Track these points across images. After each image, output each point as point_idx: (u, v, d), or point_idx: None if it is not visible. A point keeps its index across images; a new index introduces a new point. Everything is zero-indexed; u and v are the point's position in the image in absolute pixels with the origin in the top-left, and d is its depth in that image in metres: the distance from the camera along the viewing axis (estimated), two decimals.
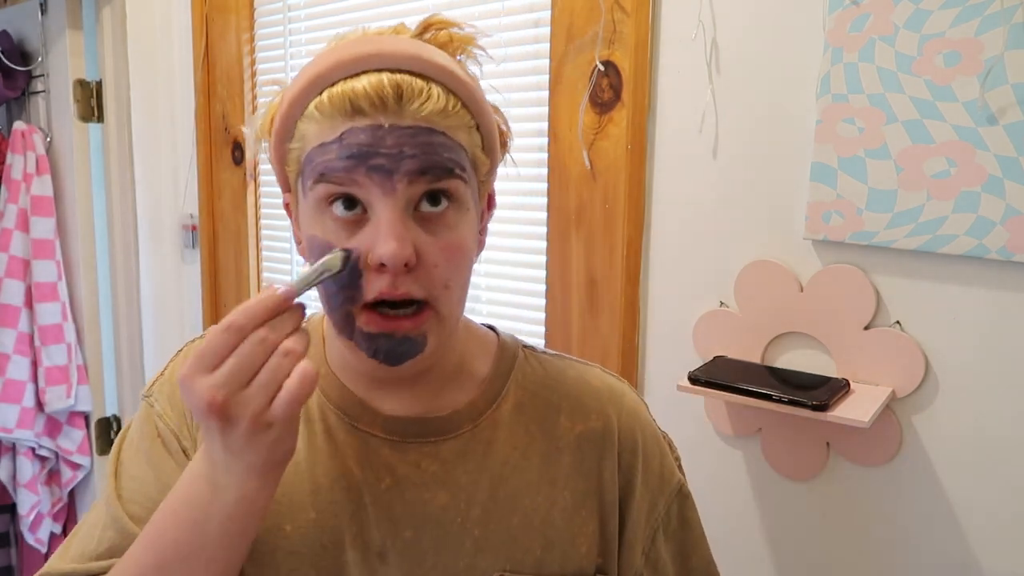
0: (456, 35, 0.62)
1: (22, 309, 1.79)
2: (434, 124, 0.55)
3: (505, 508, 0.64)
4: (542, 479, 0.65)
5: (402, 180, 0.54)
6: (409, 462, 0.64)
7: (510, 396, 0.68)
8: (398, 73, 0.55)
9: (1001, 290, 0.88)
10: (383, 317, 0.56)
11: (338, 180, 0.55)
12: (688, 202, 1.08)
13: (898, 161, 0.91)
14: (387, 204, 0.54)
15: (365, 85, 0.54)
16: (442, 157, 0.55)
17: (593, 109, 1.13)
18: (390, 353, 0.57)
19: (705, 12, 1.03)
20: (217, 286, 1.76)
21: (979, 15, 0.84)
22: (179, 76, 1.76)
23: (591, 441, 0.68)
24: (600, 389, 0.71)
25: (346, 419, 0.65)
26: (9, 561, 2.03)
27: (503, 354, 0.70)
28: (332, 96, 0.55)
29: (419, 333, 0.57)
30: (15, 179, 1.78)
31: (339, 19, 1.46)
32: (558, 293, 1.20)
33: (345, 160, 0.54)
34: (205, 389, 0.50)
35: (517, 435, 0.66)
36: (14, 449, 1.86)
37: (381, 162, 0.54)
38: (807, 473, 1.03)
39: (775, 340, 1.03)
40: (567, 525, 0.65)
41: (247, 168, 1.64)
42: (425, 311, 0.57)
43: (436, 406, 0.65)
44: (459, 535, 0.63)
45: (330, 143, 0.55)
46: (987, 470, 0.91)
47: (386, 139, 0.54)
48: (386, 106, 0.54)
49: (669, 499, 0.71)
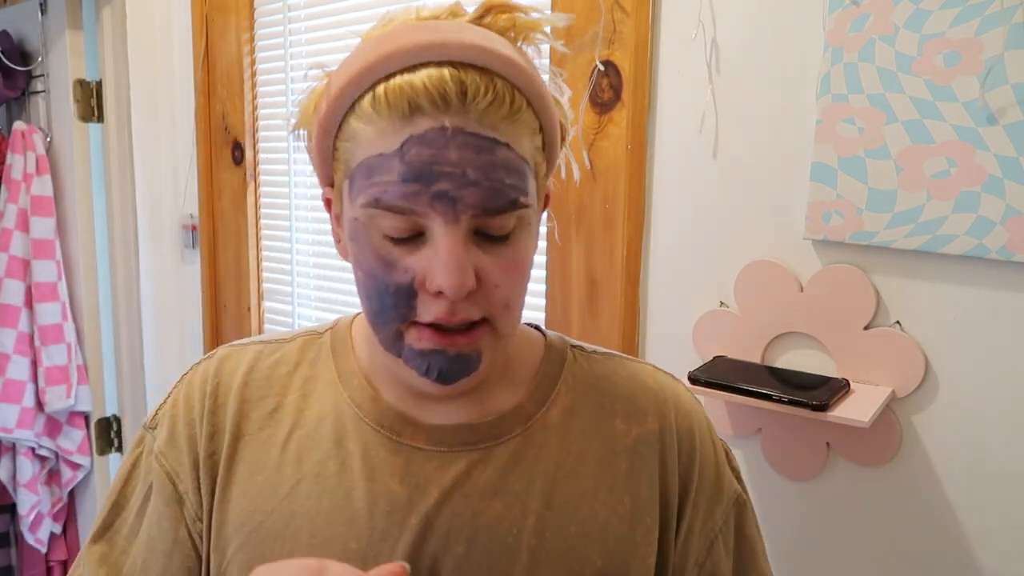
0: (520, 20, 0.56)
1: (22, 309, 1.79)
2: (499, 133, 0.51)
3: (561, 517, 0.59)
4: (599, 485, 0.61)
5: (466, 212, 0.50)
6: (458, 472, 0.59)
7: (560, 398, 0.64)
8: (461, 67, 0.50)
9: (1001, 290, 0.88)
10: (437, 333, 0.53)
11: (398, 209, 0.51)
12: (688, 202, 1.08)
13: (898, 161, 0.91)
14: (448, 231, 0.51)
15: (425, 80, 0.50)
16: (505, 185, 0.51)
17: (593, 109, 1.12)
18: (443, 371, 0.54)
19: (705, 12, 1.03)
20: (217, 286, 1.76)
21: (979, 15, 0.84)
22: (179, 76, 1.76)
23: (649, 444, 0.63)
24: (655, 389, 0.66)
25: (386, 434, 0.60)
26: (9, 561, 2.03)
27: (551, 355, 0.66)
28: (389, 92, 0.50)
29: (473, 349, 0.54)
30: (15, 179, 1.78)
31: (339, 19, 1.46)
32: (558, 293, 1.21)
33: (407, 185, 0.50)
34: None
35: (570, 439, 0.62)
36: (14, 449, 1.86)
37: (445, 188, 0.49)
38: (807, 473, 1.03)
39: (775, 340, 1.03)
40: (629, 534, 0.60)
41: (247, 168, 1.64)
42: (482, 327, 0.54)
43: (482, 411, 0.61)
44: (514, 547, 0.58)
45: (389, 156, 0.50)
46: (987, 470, 0.91)
47: (450, 152, 0.49)
48: (449, 105, 0.50)
49: (727, 509, 0.67)
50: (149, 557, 0.62)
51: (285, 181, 1.60)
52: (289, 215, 1.61)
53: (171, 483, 0.62)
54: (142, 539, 0.63)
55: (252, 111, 1.63)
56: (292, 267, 1.63)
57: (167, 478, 0.62)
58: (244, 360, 0.66)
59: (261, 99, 1.63)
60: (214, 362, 0.66)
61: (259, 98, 1.63)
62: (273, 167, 1.63)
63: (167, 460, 0.63)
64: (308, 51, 1.52)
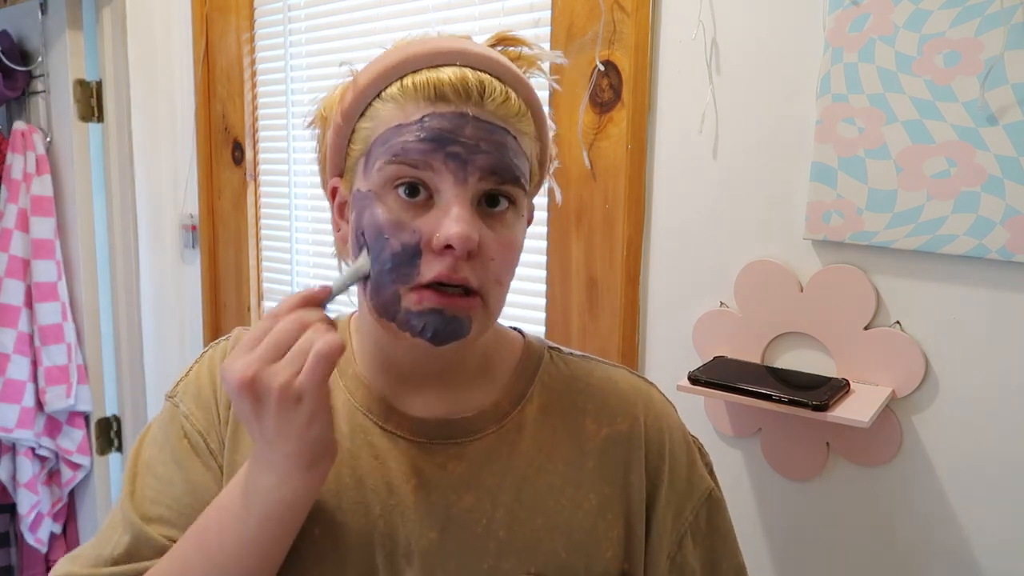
0: (525, 54, 0.64)
1: (22, 309, 1.79)
2: (509, 125, 0.58)
3: (529, 510, 0.64)
4: (567, 482, 0.65)
5: (474, 173, 0.56)
6: (435, 464, 0.64)
7: (535, 398, 0.68)
8: (479, 71, 0.58)
9: (1001, 290, 0.88)
10: (437, 293, 0.56)
11: (412, 162, 0.56)
12: (688, 202, 1.08)
13: (898, 161, 0.91)
14: (458, 192, 0.56)
15: (450, 75, 0.57)
16: (511, 162, 0.57)
17: (593, 109, 1.13)
18: (438, 330, 0.57)
19: (705, 12, 1.03)
20: (217, 286, 1.76)
21: (979, 15, 0.84)
22: (179, 76, 1.76)
23: (617, 444, 0.67)
24: (627, 391, 0.70)
25: (374, 420, 0.65)
26: (9, 561, 2.03)
27: (529, 355, 0.70)
28: (416, 81, 0.57)
29: (467, 316, 0.58)
30: (15, 179, 1.78)
31: (339, 19, 1.46)
32: (558, 293, 1.20)
33: (424, 143, 0.55)
34: (239, 367, 0.53)
35: (542, 437, 0.66)
36: (14, 449, 1.86)
37: (458, 150, 0.55)
38: (807, 473, 1.03)
39: (775, 340, 1.03)
40: (592, 528, 0.65)
41: (247, 168, 1.64)
42: (475, 297, 0.58)
43: (461, 407, 0.65)
44: (483, 537, 0.63)
45: (409, 125, 0.56)
46: (987, 470, 0.91)
47: (466, 128, 0.56)
48: (470, 97, 0.56)
49: (697, 504, 0.70)
50: (174, 486, 0.65)
51: (285, 181, 1.60)
52: (289, 215, 1.61)
53: (201, 438, 0.66)
54: (172, 473, 0.66)
55: (252, 111, 1.63)
56: (292, 267, 1.63)
57: (197, 433, 0.66)
58: None
59: (261, 99, 1.63)
60: (231, 341, 0.72)
61: (259, 98, 1.63)
62: (273, 167, 1.63)
63: (196, 421, 0.67)
64: (308, 51, 1.52)
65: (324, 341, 0.52)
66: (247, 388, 0.52)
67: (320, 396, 0.53)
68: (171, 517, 0.63)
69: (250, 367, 0.52)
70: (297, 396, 0.52)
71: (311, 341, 0.53)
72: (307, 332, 0.54)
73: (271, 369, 0.53)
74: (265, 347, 0.53)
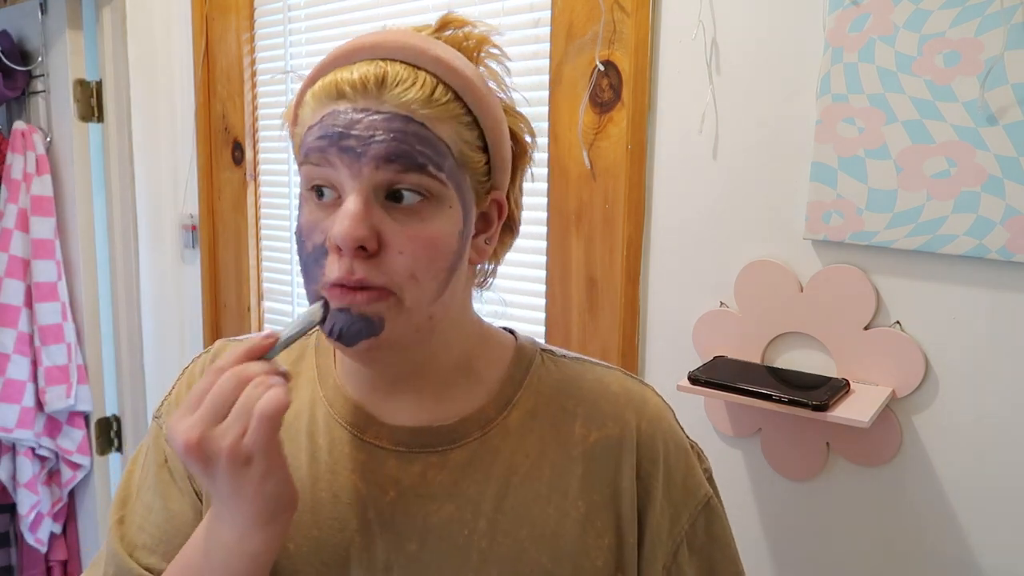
0: (471, 33, 0.62)
1: (22, 309, 1.79)
2: (412, 113, 0.55)
3: (513, 520, 0.61)
4: (553, 490, 0.63)
5: (369, 164, 0.54)
6: (414, 473, 0.62)
7: (523, 402, 0.65)
8: (389, 62, 0.56)
9: (1001, 290, 0.88)
10: (342, 290, 0.55)
11: (315, 161, 0.56)
12: (688, 202, 1.08)
13: (898, 161, 0.91)
14: (354, 186, 0.54)
15: (354, 71, 0.56)
16: (413, 148, 0.54)
17: (593, 109, 1.13)
18: (343, 331, 0.55)
19: (705, 12, 1.03)
20: (217, 286, 1.76)
21: (979, 15, 0.84)
22: (179, 76, 1.76)
23: (607, 449, 0.64)
24: (619, 394, 0.67)
25: (352, 431, 0.64)
26: (9, 561, 2.03)
27: (519, 358, 0.67)
28: (324, 83, 0.57)
29: (374, 313, 0.55)
30: (15, 179, 1.78)
31: (339, 19, 1.46)
32: (558, 293, 1.20)
33: (321, 141, 0.55)
34: (183, 429, 0.51)
35: (528, 443, 0.64)
36: (14, 449, 1.86)
37: (351, 144, 0.54)
38: (807, 473, 1.03)
39: (775, 340, 1.03)
40: (580, 537, 0.62)
41: (247, 168, 1.64)
42: (384, 293, 0.55)
43: (444, 414, 0.63)
44: (465, 548, 0.60)
45: (314, 125, 0.56)
46: (987, 470, 0.91)
47: (360, 123, 0.55)
48: (367, 91, 0.55)
49: (694, 512, 0.67)
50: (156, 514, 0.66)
51: (285, 181, 1.60)
52: (289, 215, 1.61)
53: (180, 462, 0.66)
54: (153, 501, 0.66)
55: (252, 111, 1.63)
56: (292, 267, 1.63)
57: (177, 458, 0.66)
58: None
59: (261, 99, 1.63)
60: (211, 355, 0.71)
61: (259, 98, 1.63)
62: (273, 167, 1.63)
63: None
64: (308, 51, 1.52)
65: (267, 399, 0.50)
66: (193, 452, 0.51)
67: (270, 453, 0.52)
68: (153, 545, 0.64)
69: (194, 429, 0.51)
70: (246, 458, 0.51)
71: (253, 399, 0.51)
72: (247, 388, 0.51)
73: (216, 431, 0.51)
74: (206, 408, 0.51)
